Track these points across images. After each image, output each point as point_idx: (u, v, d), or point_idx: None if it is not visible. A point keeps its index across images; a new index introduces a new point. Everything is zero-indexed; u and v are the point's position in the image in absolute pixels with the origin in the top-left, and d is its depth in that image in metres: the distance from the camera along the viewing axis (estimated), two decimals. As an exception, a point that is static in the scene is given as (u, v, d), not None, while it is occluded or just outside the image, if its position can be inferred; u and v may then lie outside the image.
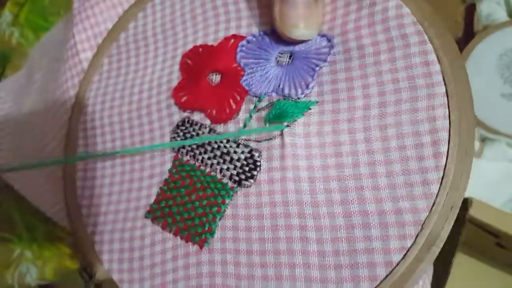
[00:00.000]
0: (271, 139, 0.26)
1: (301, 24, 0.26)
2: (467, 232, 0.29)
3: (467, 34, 0.39)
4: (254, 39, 0.29)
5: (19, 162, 0.37)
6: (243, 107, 0.27)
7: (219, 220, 0.26)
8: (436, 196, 0.22)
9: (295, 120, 0.26)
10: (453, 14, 0.40)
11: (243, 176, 0.26)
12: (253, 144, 0.26)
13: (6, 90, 0.42)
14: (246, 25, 0.30)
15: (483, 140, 0.34)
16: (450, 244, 0.22)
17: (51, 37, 0.41)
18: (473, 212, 0.28)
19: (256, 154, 0.26)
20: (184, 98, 0.29)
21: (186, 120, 0.29)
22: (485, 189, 0.33)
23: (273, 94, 0.27)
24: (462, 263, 0.34)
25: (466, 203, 0.30)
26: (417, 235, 0.22)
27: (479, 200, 0.29)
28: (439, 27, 0.25)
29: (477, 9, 0.39)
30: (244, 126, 0.27)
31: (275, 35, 0.28)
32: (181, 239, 0.27)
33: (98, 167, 0.31)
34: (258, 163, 0.26)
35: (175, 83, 0.30)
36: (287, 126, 0.26)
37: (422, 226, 0.22)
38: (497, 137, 0.33)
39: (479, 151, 0.35)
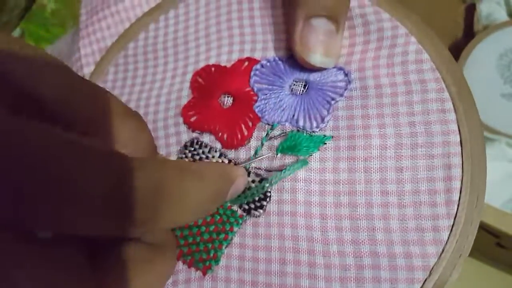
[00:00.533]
0: (282, 170, 0.26)
1: (320, 51, 0.26)
2: None
3: (467, 34, 0.40)
4: (268, 64, 0.29)
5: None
6: (255, 134, 0.27)
7: (226, 247, 0.26)
8: (446, 243, 0.23)
9: (310, 155, 0.26)
10: (453, 14, 0.41)
11: (252, 205, 0.26)
12: (263, 173, 0.26)
13: None
14: (261, 49, 0.29)
15: None
16: None
17: (56, 49, 0.39)
18: None
19: (267, 185, 0.26)
20: (193, 118, 0.29)
21: (195, 141, 0.28)
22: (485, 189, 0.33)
23: (287, 124, 0.27)
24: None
25: None
26: (425, 280, 0.23)
27: None
28: (456, 74, 0.25)
29: (477, 9, 0.39)
30: (255, 154, 0.27)
31: (290, 62, 0.28)
32: (183, 264, 0.26)
33: None
34: (268, 194, 0.26)
35: (184, 100, 0.29)
36: (306, 160, 0.26)
37: (430, 271, 0.23)
38: (497, 137, 0.34)
39: None
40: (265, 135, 0.27)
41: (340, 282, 0.24)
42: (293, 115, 0.27)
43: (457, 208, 0.23)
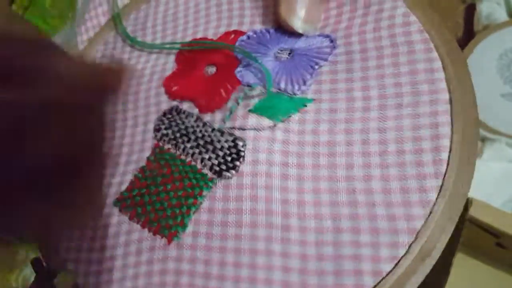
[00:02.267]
0: (258, 129, 0.24)
1: (304, 16, 0.26)
2: (467, 232, 0.28)
3: (467, 34, 0.39)
4: (254, 35, 0.28)
5: None
6: (233, 96, 0.26)
7: (194, 213, 0.23)
8: (434, 205, 0.20)
9: (290, 116, 0.24)
10: (453, 14, 0.40)
11: (224, 167, 0.24)
12: (238, 133, 0.24)
13: None
14: (249, 23, 0.29)
15: (483, 140, 0.32)
16: (450, 244, 0.20)
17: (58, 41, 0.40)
18: (473, 212, 0.27)
19: (240, 144, 0.24)
20: (175, 88, 0.28)
21: (174, 108, 0.27)
22: (485, 189, 0.31)
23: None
24: (462, 263, 0.32)
25: (466, 203, 0.28)
26: (411, 244, 0.20)
27: (479, 200, 0.27)
28: (445, 35, 0.24)
29: (477, 9, 0.39)
30: (230, 113, 0.25)
31: (276, 32, 0.28)
32: (149, 231, 0.24)
33: None
34: (242, 153, 0.24)
35: (168, 72, 0.29)
36: (282, 121, 0.24)
37: (416, 235, 0.20)
38: (497, 137, 0.32)
39: (479, 151, 0.34)
40: (242, 95, 0.25)
41: (316, 246, 0.21)
42: (275, 78, 0.26)
43: (446, 168, 0.21)
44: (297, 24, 0.26)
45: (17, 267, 0.32)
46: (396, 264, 0.20)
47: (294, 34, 0.27)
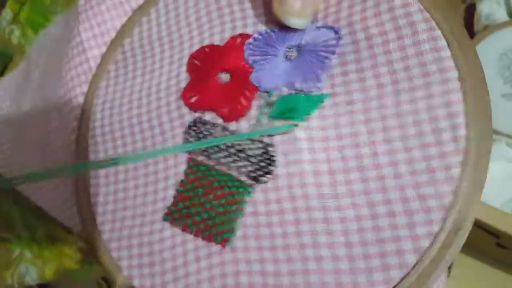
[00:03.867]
0: (284, 133, 0.26)
1: (297, 12, 0.26)
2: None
3: (467, 34, 0.40)
4: (260, 36, 0.29)
5: (22, 164, 0.36)
6: (254, 103, 0.27)
7: (240, 218, 0.26)
8: (459, 180, 0.22)
9: (310, 114, 0.25)
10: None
11: (260, 172, 0.26)
12: (266, 139, 0.26)
13: (3, 89, 0.41)
14: (252, 24, 0.30)
15: None
16: None
17: (48, 34, 0.40)
18: None
19: (271, 149, 0.26)
20: (193, 99, 0.29)
21: (198, 120, 0.28)
22: (485, 189, 0.33)
23: (284, 88, 0.27)
24: (462, 263, 0.34)
25: None
26: (444, 220, 0.22)
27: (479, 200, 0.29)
28: (445, 12, 0.25)
29: (477, 9, 0.39)
30: (257, 122, 0.27)
31: (281, 31, 0.28)
32: (203, 239, 0.26)
33: (111, 172, 0.30)
34: (274, 158, 0.26)
35: (183, 84, 0.30)
36: (302, 120, 0.26)
37: (448, 210, 0.22)
38: (497, 137, 0.34)
39: None
40: (264, 103, 0.27)
41: (358, 233, 0.23)
42: (289, 79, 0.27)
43: (465, 143, 0.23)
44: (289, 19, 0.27)
45: (12, 264, 0.34)
46: (433, 240, 0.22)
47: (298, 30, 0.28)
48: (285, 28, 0.28)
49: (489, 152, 0.23)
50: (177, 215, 0.27)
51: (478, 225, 0.30)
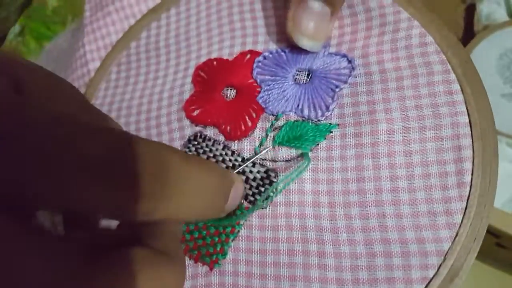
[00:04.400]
0: (288, 160, 0.25)
1: (310, 34, 0.26)
2: None
3: (467, 34, 0.40)
4: (271, 55, 0.28)
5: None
6: (259, 124, 0.27)
7: (232, 241, 0.25)
8: (459, 227, 0.22)
9: (317, 144, 0.25)
10: (453, 14, 0.41)
11: (258, 197, 0.25)
12: (269, 164, 0.26)
13: None
14: (263, 41, 0.29)
15: None
16: None
17: (55, 46, 0.39)
18: None
19: (273, 175, 0.25)
20: (196, 112, 0.28)
21: (199, 134, 0.28)
22: None
23: (291, 113, 0.26)
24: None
25: None
26: (440, 266, 0.22)
27: None
28: (462, 56, 0.25)
29: (477, 9, 0.39)
30: (260, 145, 0.26)
31: (292, 52, 0.28)
32: (190, 259, 0.25)
33: None
34: (274, 184, 0.25)
35: (186, 95, 0.29)
36: (309, 150, 0.25)
37: (445, 256, 0.22)
38: (497, 137, 0.34)
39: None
40: (269, 125, 0.26)
41: (351, 271, 0.23)
42: (298, 105, 0.26)
43: (470, 190, 0.22)
44: (302, 40, 0.26)
45: None
46: (427, 285, 0.22)
47: (309, 53, 0.27)
48: (296, 50, 0.28)
49: (492, 202, 0.22)
50: (167, 230, 0.26)
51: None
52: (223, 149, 0.27)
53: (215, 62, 0.30)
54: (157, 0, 0.34)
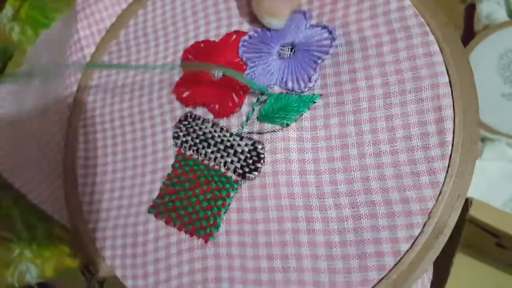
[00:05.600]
0: (274, 131, 0.26)
1: (272, 12, 0.27)
2: (467, 232, 0.29)
3: (467, 34, 0.40)
4: (255, 34, 0.29)
5: (18, 160, 0.36)
6: (246, 100, 0.27)
7: (224, 213, 0.26)
8: (443, 185, 0.22)
9: (301, 115, 0.26)
10: (453, 14, 0.41)
11: (247, 169, 0.26)
12: (255, 137, 0.26)
13: (5, 88, 0.41)
14: (248, 22, 0.30)
15: (483, 140, 0.33)
16: (450, 244, 0.22)
17: (50, 34, 0.41)
18: (473, 212, 0.28)
19: (259, 146, 0.26)
20: (186, 93, 0.29)
21: (189, 114, 0.28)
22: (485, 189, 0.32)
23: (276, 87, 0.27)
24: (462, 263, 0.34)
25: (466, 203, 0.30)
26: (425, 224, 0.22)
27: (479, 200, 0.29)
28: (440, 18, 0.25)
29: (477, 9, 0.39)
30: (247, 119, 0.27)
31: (277, 30, 0.28)
32: (186, 233, 0.26)
33: (99, 163, 0.30)
34: (262, 155, 0.26)
35: (176, 78, 0.30)
36: (293, 121, 0.26)
37: (429, 214, 0.22)
38: (497, 137, 0.33)
39: (479, 151, 0.35)
40: (255, 100, 0.27)
41: (339, 234, 0.23)
42: (282, 78, 0.27)
43: (452, 149, 0.23)
44: (265, 18, 0.27)
45: (12, 263, 0.35)
46: (413, 243, 0.22)
47: (293, 29, 0.28)
48: None
49: (474, 160, 0.23)
50: (162, 208, 0.27)
51: (478, 225, 0.30)
52: (212, 126, 0.28)
53: (202, 45, 0.30)
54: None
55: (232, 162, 0.26)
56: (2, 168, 0.37)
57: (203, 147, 0.27)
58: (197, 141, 0.28)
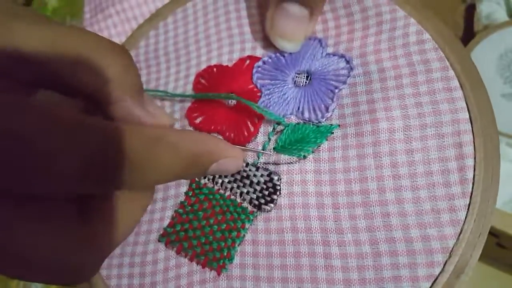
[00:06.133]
0: (291, 162, 0.25)
1: (288, 36, 0.27)
2: None
3: (467, 34, 0.40)
4: (270, 60, 0.29)
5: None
6: (261, 129, 0.27)
7: (239, 245, 0.25)
8: (464, 223, 0.22)
9: (319, 146, 0.25)
10: (453, 14, 0.41)
11: (263, 200, 0.25)
12: (271, 167, 0.26)
13: None
14: (262, 47, 0.29)
15: None
16: None
17: None
18: None
19: (275, 178, 0.25)
20: (199, 119, 0.29)
21: None
22: None
23: (292, 116, 0.26)
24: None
25: None
26: (445, 263, 0.22)
27: None
28: (460, 52, 0.25)
29: (477, 9, 0.39)
30: (263, 149, 0.26)
31: (291, 55, 0.28)
32: (197, 264, 0.26)
33: None
34: (278, 187, 0.25)
35: (188, 103, 0.29)
36: (311, 152, 0.25)
37: (450, 253, 0.22)
38: None
39: None
40: (271, 129, 0.26)
41: (358, 271, 0.23)
42: (298, 107, 0.27)
43: (472, 186, 0.22)
44: (279, 42, 0.27)
45: None
46: (434, 282, 0.22)
47: (308, 56, 0.28)
48: (295, 53, 0.28)
49: (495, 198, 0.23)
50: (174, 237, 0.27)
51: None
52: None
53: (215, 69, 0.30)
54: (157, 2, 0.34)
55: (248, 193, 0.26)
56: None
57: (219, 176, 0.27)
58: None
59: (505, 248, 0.31)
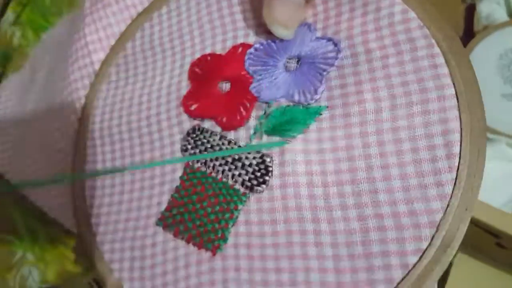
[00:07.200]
0: (281, 144, 0.26)
1: (283, 22, 0.27)
2: (467, 232, 0.29)
3: (467, 34, 0.40)
4: (261, 46, 0.29)
5: (24, 164, 0.36)
6: (253, 113, 0.27)
7: (232, 226, 0.26)
8: (451, 197, 0.22)
9: (308, 127, 0.26)
10: (453, 14, 0.41)
11: (255, 182, 0.26)
12: (263, 150, 0.26)
13: (9, 89, 0.41)
14: (254, 34, 0.30)
15: None
16: None
17: (53, 36, 0.41)
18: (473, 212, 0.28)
19: (268, 159, 0.26)
20: (193, 106, 0.29)
21: (197, 127, 0.29)
22: (485, 189, 0.33)
23: (282, 99, 0.27)
24: (462, 263, 0.34)
25: None
26: (433, 237, 0.22)
27: (479, 200, 0.28)
28: (446, 30, 0.25)
29: (477, 9, 0.39)
30: (255, 132, 0.27)
31: (282, 42, 0.29)
32: (194, 246, 0.27)
33: (107, 175, 0.30)
34: (270, 168, 0.26)
35: (184, 91, 0.30)
36: (300, 133, 0.26)
37: (437, 227, 0.22)
38: (497, 137, 0.33)
39: None
40: (262, 113, 0.27)
41: (347, 246, 0.23)
42: (288, 91, 0.27)
43: (459, 161, 0.23)
44: (275, 28, 0.27)
45: (14, 266, 0.35)
46: (421, 256, 0.22)
47: (298, 41, 0.28)
48: (286, 39, 0.28)
49: (482, 172, 0.23)
50: (170, 220, 0.27)
51: (478, 225, 0.29)
52: (219, 139, 0.28)
53: (209, 57, 0.31)
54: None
55: (240, 175, 0.26)
56: (4, 170, 0.38)
57: (211, 160, 0.27)
58: (205, 154, 0.28)
59: (505, 248, 0.31)
